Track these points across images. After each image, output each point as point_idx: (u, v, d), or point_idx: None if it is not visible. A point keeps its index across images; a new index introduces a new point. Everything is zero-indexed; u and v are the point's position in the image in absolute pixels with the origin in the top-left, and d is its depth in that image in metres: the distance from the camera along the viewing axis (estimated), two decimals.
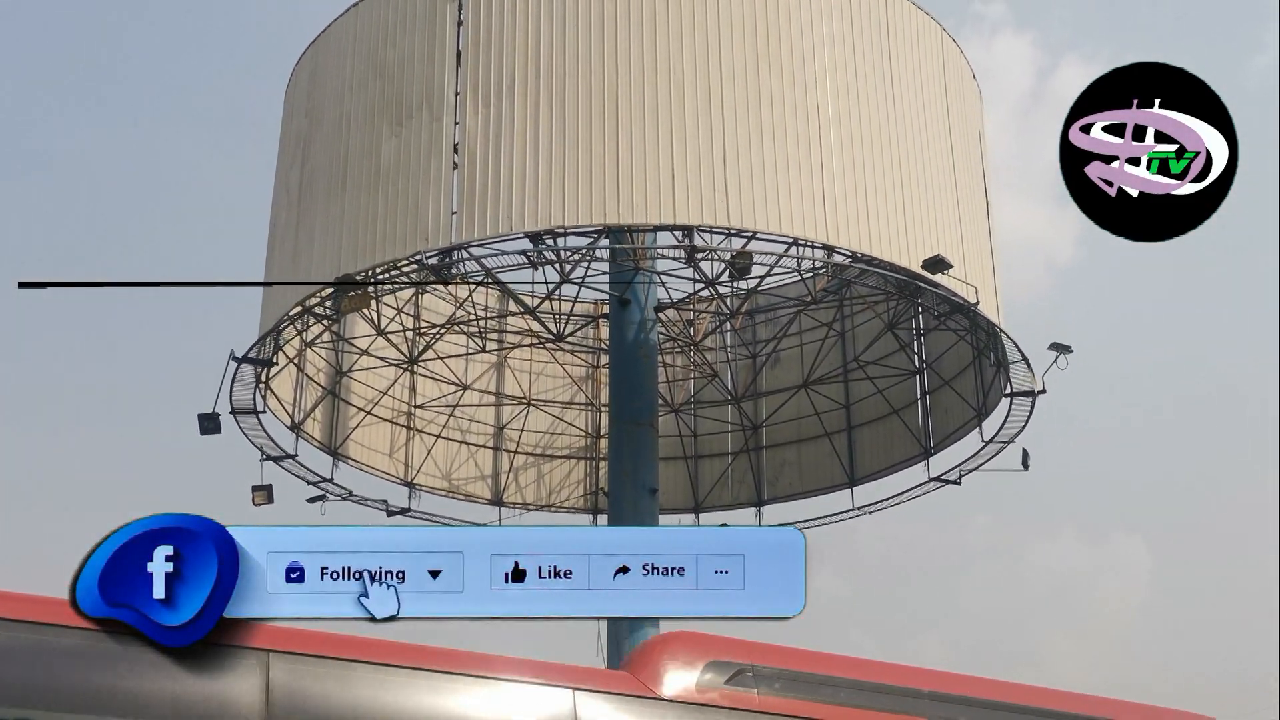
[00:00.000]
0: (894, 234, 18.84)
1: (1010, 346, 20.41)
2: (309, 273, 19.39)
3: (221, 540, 8.70)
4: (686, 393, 26.74)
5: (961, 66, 21.65)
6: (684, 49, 18.40)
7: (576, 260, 20.77)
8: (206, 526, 8.74)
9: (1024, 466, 21.82)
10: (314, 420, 23.30)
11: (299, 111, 21.21)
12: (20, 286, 9.67)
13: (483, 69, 18.52)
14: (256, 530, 8.92)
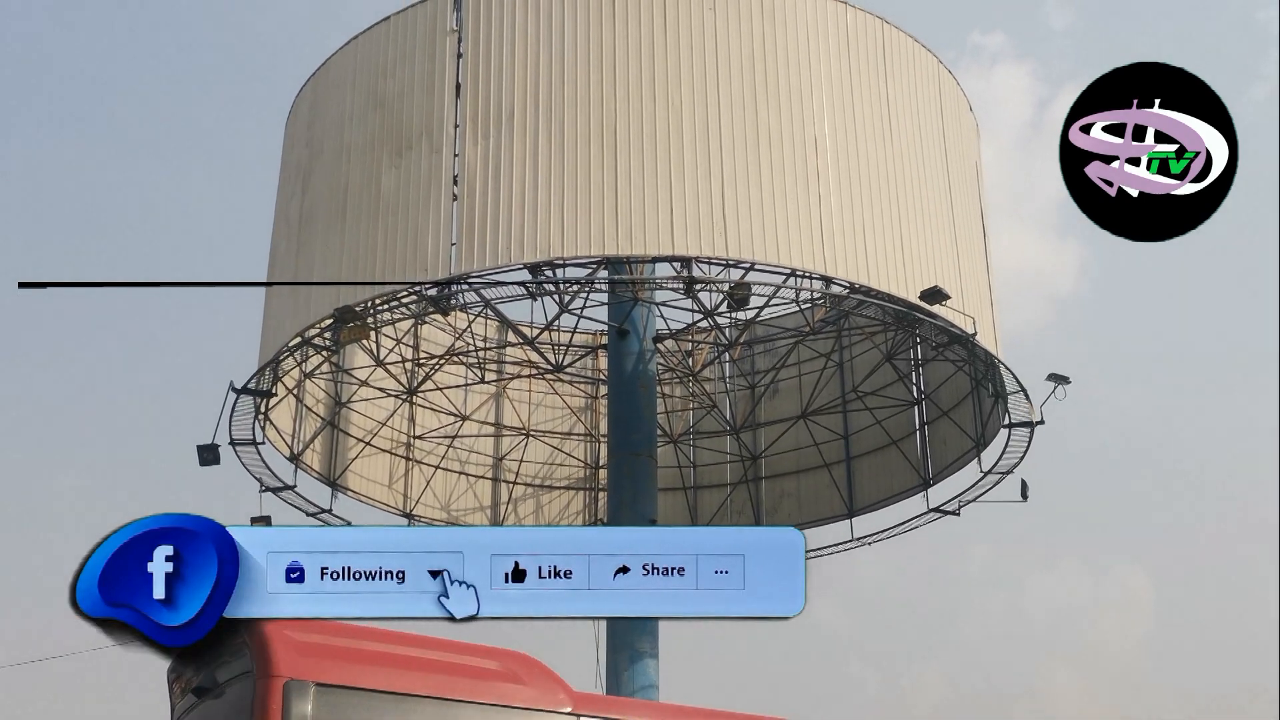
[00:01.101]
0: (892, 265, 18.89)
1: (1008, 377, 20.43)
2: (309, 303, 19.43)
3: (221, 540, 8.67)
4: (685, 423, 26.74)
5: (958, 98, 21.75)
6: (683, 80, 18.50)
7: (575, 291, 20.83)
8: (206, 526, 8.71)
9: (1023, 497, 21.82)
10: (313, 451, 23.30)
11: (299, 142, 21.30)
12: (20, 286, 9.67)
13: (482, 101, 18.62)
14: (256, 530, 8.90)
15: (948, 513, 23.12)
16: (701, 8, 18.81)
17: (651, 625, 19.93)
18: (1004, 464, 21.84)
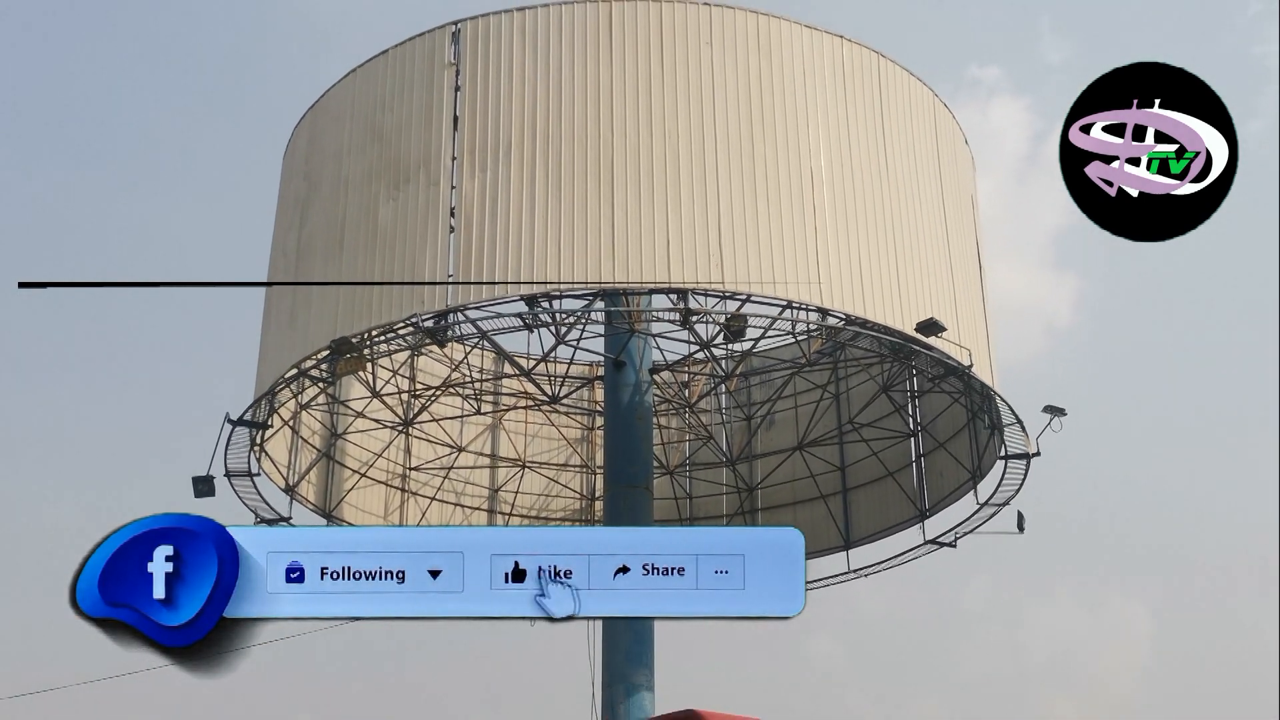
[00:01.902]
0: (888, 297, 18.92)
1: (1004, 409, 20.44)
2: (305, 335, 19.44)
3: (221, 540, 8.66)
4: (682, 455, 26.72)
5: (954, 131, 21.84)
6: (679, 113, 18.57)
7: (572, 323, 20.84)
8: (206, 526, 8.70)
9: (1019, 529, 21.80)
10: (308, 483, 23.26)
11: (297, 174, 21.35)
12: (20, 286, 9.67)
13: (479, 134, 18.68)
14: (256, 530, 8.89)
15: (944, 544, 23.10)
16: (699, 41, 18.91)
17: (648, 658, 19.87)
18: (1000, 496, 21.83)
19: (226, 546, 8.68)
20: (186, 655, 8.52)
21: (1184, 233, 9.59)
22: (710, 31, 18.98)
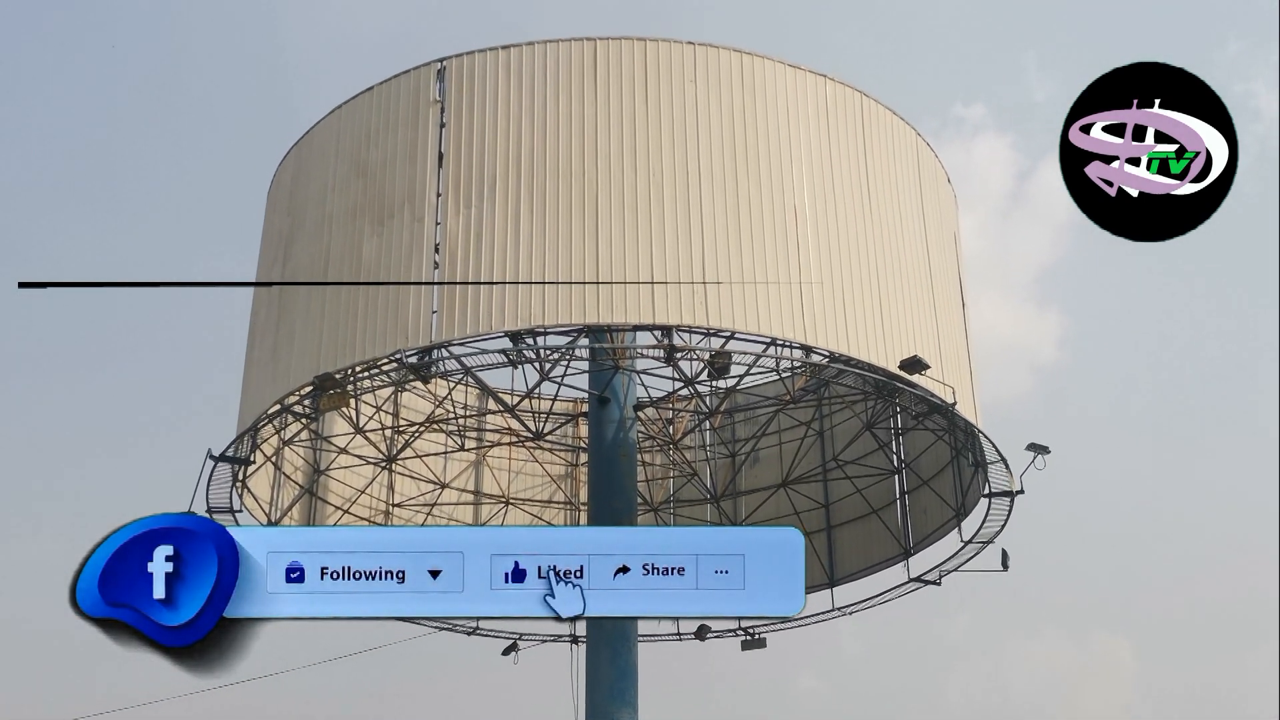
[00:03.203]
0: (871, 335, 18.96)
1: (988, 447, 20.46)
2: (288, 371, 19.39)
3: (221, 540, 8.61)
4: (666, 491, 26.68)
5: (936, 169, 21.96)
6: (663, 150, 18.63)
7: (556, 359, 20.83)
8: (206, 526, 8.67)
9: (1004, 567, 21.78)
10: (290, 519, 23.14)
11: (281, 210, 21.35)
12: (20, 286, 9.64)
13: (464, 170, 18.71)
14: (256, 530, 8.87)
15: (929, 582, 23.08)
16: (682, 79, 19.00)
17: (631, 694, 19.78)
18: (984, 533, 21.83)
19: (226, 546, 8.68)
20: (186, 655, 8.46)
21: (1184, 233, 9.55)
22: (695, 70, 19.08)
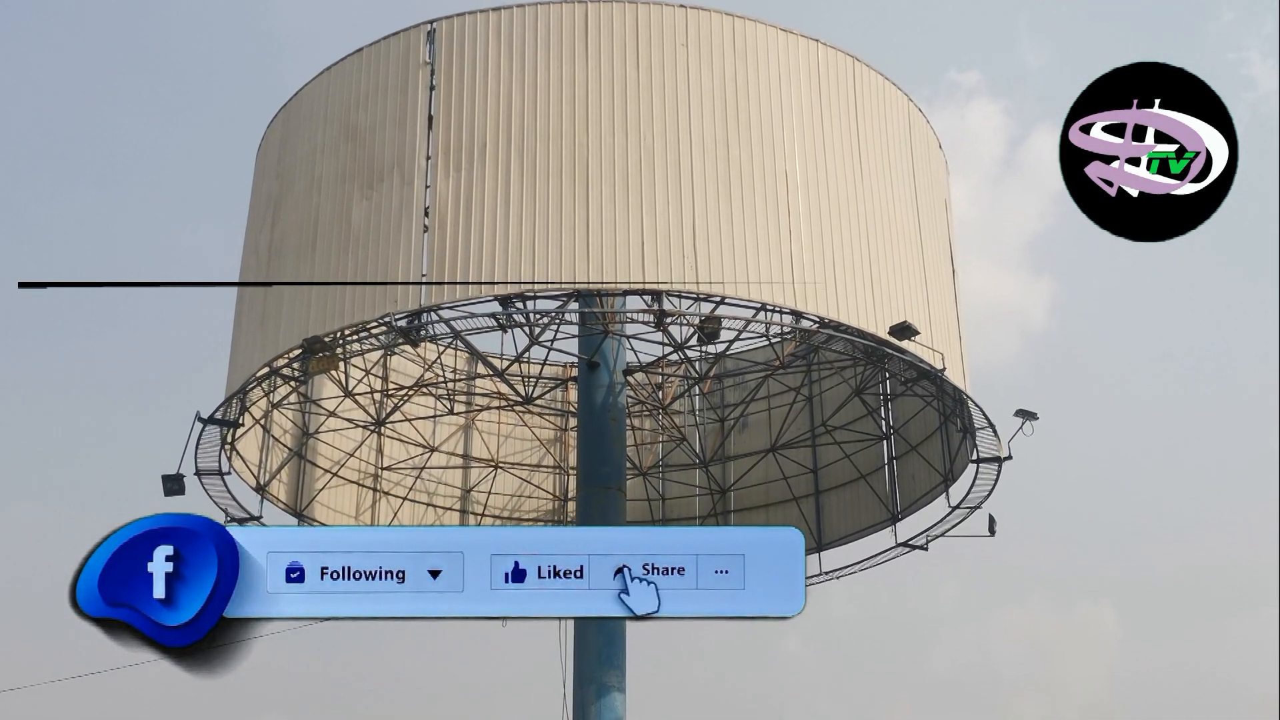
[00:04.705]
0: (861, 300, 18.97)
1: (976, 413, 20.51)
2: (277, 334, 19.34)
3: (221, 540, 8.63)
4: (655, 456, 26.72)
5: (928, 135, 21.91)
6: (654, 115, 18.56)
7: (546, 323, 20.81)
8: (206, 526, 8.68)
9: (990, 532, 21.87)
10: (279, 482, 23.16)
11: (270, 173, 21.24)
12: (20, 286, 9.62)
13: (454, 134, 18.62)
14: (256, 530, 8.90)
15: (916, 547, 23.17)
16: (674, 43, 18.91)
17: (619, 659, 19.85)
18: (972, 499, 21.91)
19: (226, 546, 8.67)
20: (186, 655, 8.49)
21: (1184, 233, 9.55)
22: (686, 33, 18.98)
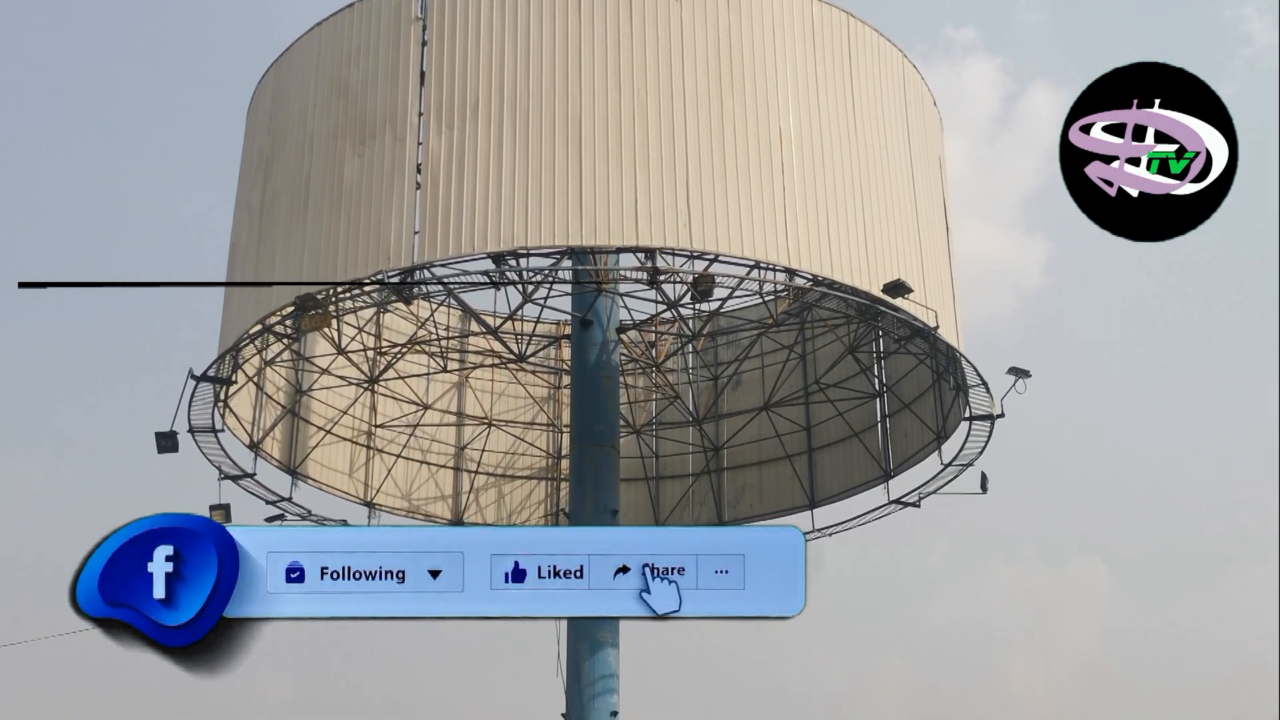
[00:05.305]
0: (855, 258, 18.94)
1: (969, 370, 20.53)
2: (270, 291, 19.26)
3: (221, 540, 8.65)
4: (648, 414, 26.76)
5: (922, 92, 21.82)
6: (648, 72, 18.46)
7: (539, 281, 20.77)
8: (207, 526, 8.70)
9: (983, 489, 21.93)
10: (273, 439, 23.17)
11: (261, 131, 21.13)
12: (20, 286, 9.60)
13: (446, 90, 18.52)
14: (256, 530, 8.89)
15: (908, 504, 23.25)
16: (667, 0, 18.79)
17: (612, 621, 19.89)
18: (964, 456, 21.96)
19: (226, 546, 8.70)
20: (186, 655, 8.52)
21: (1184, 233, 9.58)
22: None
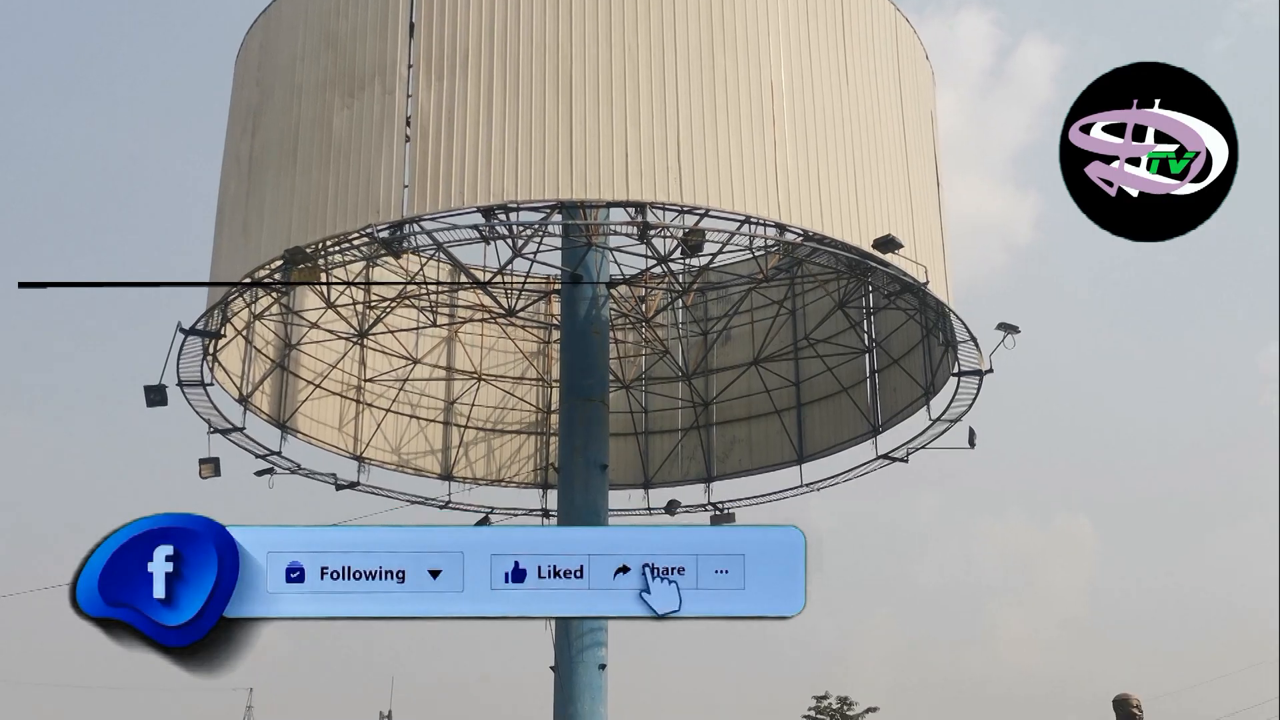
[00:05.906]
0: (845, 213, 18.91)
1: (958, 326, 20.57)
2: (259, 245, 19.22)
3: (221, 540, 8.66)
4: (638, 369, 26.78)
5: (914, 46, 21.73)
6: (639, 25, 18.35)
7: (529, 235, 20.72)
8: (206, 526, 8.70)
9: (970, 445, 22.02)
10: (262, 393, 23.16)
11: (249, 82, 20.99)
12: (20, 286, 9.58)
13: (436, 42, 18.40)
14: (256, 530, 8.87)
15: (896, 459, 23.33)
16: None
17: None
18: (953, 412, 22.03)
19: (226, 546, 8.70)
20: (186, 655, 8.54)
21: (1184, 233, 9.61)
22: None
